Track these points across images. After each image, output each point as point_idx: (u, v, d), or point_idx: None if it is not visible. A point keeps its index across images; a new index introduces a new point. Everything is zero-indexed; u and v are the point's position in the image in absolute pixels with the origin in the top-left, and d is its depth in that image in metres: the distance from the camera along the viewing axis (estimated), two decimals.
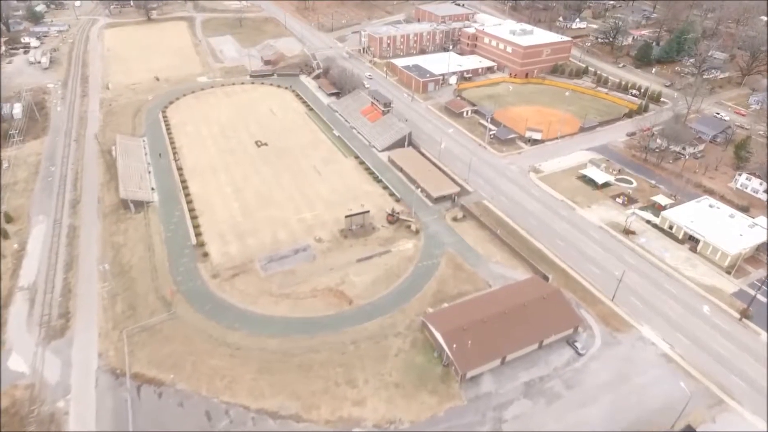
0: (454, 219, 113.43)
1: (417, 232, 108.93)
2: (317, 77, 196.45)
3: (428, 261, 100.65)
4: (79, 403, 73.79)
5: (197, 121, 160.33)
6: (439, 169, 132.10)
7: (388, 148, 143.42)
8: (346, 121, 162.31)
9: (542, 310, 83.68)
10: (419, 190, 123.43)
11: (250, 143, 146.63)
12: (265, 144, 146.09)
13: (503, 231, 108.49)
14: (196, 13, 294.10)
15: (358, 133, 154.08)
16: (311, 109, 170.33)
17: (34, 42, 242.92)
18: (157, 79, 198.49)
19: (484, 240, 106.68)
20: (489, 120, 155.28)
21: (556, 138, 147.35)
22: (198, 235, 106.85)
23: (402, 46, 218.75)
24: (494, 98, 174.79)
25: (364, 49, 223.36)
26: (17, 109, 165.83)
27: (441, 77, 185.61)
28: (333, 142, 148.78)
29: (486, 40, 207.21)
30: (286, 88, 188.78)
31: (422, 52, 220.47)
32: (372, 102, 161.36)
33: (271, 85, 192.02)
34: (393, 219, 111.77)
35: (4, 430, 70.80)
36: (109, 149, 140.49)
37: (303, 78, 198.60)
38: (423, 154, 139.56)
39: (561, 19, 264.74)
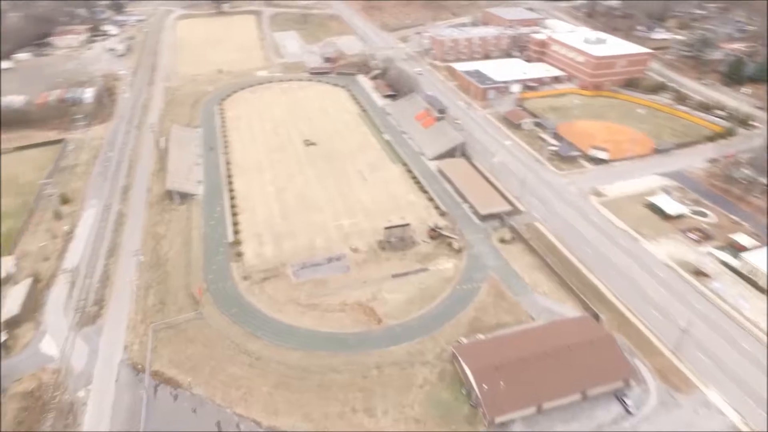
0: (502, 240, 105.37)
1: (459, 251, 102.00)
2: (375, 78, 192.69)
3: (468, 285, 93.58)
4: (99, 396, 73.61)
5: (251, 116, 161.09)
6: (491, 183, 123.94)
7: (439, 157, 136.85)
8: (398, 125, 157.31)
9: (589, 354, 74.71)
10: (467, 205, 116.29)
11: (298, 142, 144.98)
12: (314, 144, 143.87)
13: (554, 259, 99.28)
14: (265, 7, 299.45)
15: (409, 138, 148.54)
16: (364, 111, 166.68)
17: (114, 30, 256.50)
18: (220, 72, 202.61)
19: (532, 267, 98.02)
20: (550, 134, 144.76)
21: (625, 159, 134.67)
22: (236, 233, 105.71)
23: (465, 50, 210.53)
24: (559, 111, 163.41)
25: (425, 51, 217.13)
26: (88, 94, 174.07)
27: (503, 85, 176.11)
28: (382, 146, 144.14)
29: (555, 47, 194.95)
30: (342, 87, 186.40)
31: (486, 57, 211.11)
32: (426, 107, 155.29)
33: (328, 83, 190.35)
34: (435, 234, 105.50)
35: (28, 412, 71.78)
36: (164, 138, 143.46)
37: (360, 78, 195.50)
38: (475, 167, 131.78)
39: (641, 28, 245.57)
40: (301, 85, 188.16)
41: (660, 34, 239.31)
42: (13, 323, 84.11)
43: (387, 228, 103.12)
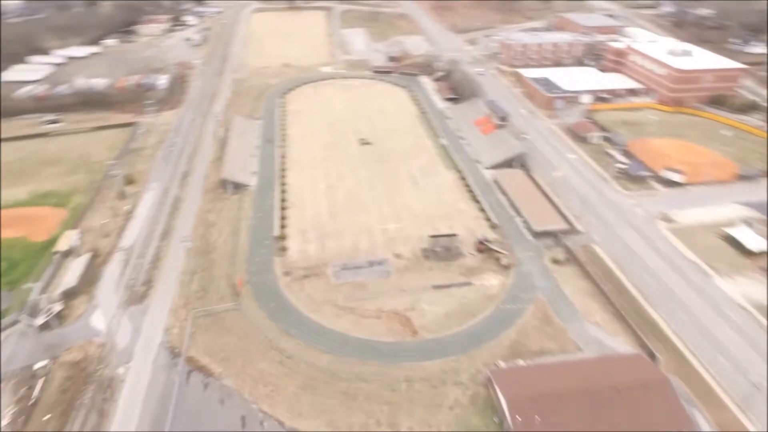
0: (554, 261, 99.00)
1: (507, 267, 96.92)
2: (438, 80, 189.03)
3: (513, 304, 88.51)
4: (136, 374, 75.92)
5: (311, 111, 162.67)
6: (548, 199, 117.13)
7: (496, 167, 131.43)
8: (456, 129, 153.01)
9: (641, 398, 68.01)
10: (520, 219, 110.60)
11: (354, 141, 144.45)
12: (369, 143, 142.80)
13: (610, 286, 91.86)
14: (336, 3, 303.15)
15: (467, 144, 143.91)
16: (423, 113, 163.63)
17: (192, 21, 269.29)
18: (286, 65, 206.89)
19: (585, 293, 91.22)
20: (620, 150, 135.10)
21: (702, 183, 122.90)
22: (282, 227, 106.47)
23: (535, 56, 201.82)
24: (632, 126, 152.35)
25: (493, 54, 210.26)
26: (162, 81, 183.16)
27: (572, 94, 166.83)
28: (437, 150, 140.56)
29: (634, 57, 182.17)
30: (404, 87, 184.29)
31: (557, 64, 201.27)
32: (487, 113, 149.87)
33: (390, 82, 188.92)
34: (483, 248, 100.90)
35: (72, 382, 75.43)
36: (225, 128, 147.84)
37: (423, 79, 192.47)
38: (533, 179, 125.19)
39: (735, 40, 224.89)
40: (363, 83, 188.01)
41: (756, 48, 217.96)
42: (70, 294, 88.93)
43: (433, 236, 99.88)
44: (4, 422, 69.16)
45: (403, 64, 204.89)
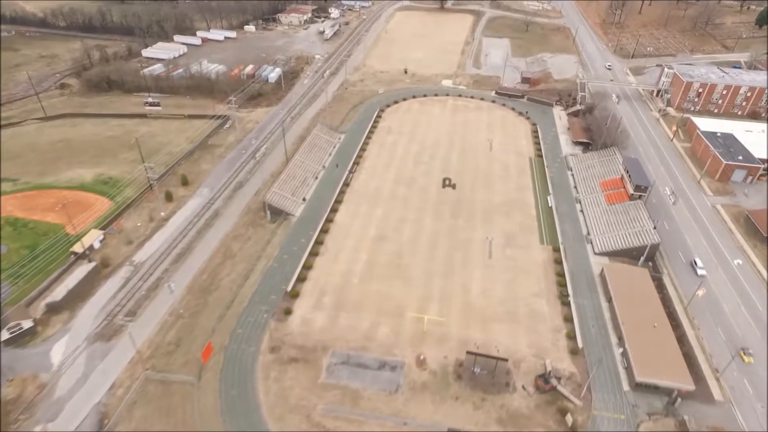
0: None
1: (572, 427, 64.33)
2: (575, 114, 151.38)
3: None
4: None
5: (402, 133, 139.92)
6: (678, 329, 78.79)
7: (610, 254, 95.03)
8: (575, 187, 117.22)
9: None
10: (620, 351, 75.23)
11: (437, 179, 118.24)
12: (452, 186, 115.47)
13: None
14: (488, 8, 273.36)
15: (581, 211, 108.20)
16: (540, 156, 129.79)
17: (335, 14, 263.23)
18: (405, 72, 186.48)
19: None
20: None
21: None
22: (300, 280, 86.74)
23: (720, 101, 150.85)
24: None
25: (659, 92, 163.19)
26: (274, 74, 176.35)
27: (763, 166, 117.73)
28: (539, 212, 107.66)
29: None
30: (528, 118, 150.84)
31: (753, 117, 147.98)
32: (622, 174, 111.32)
33: (513, 109, 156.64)
34: (545, 388, 69.19)
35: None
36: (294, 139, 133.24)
37: (557, 110, 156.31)
38: (661, 290, 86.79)
39: None
40: (479, 105, 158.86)
41: None
42: (53, 309, 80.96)
43: (472, 353, 71.04)
44: None
45: (538, 88, 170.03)
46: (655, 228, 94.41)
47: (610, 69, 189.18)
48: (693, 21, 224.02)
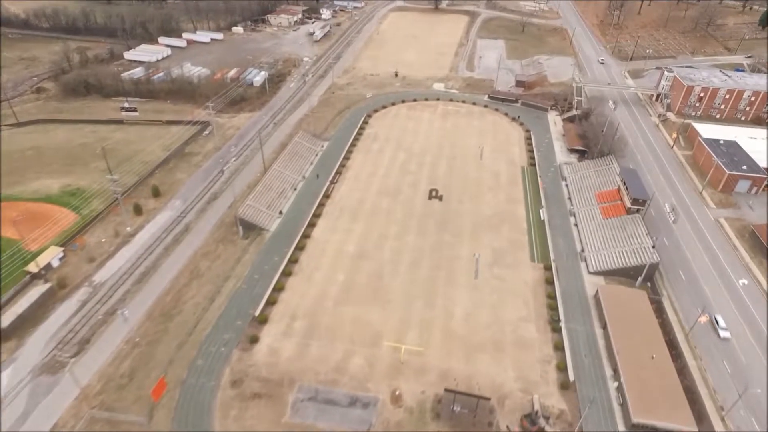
0: None
1: None
2: (570, 120, 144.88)
3: None
4: None
5: (389, 139, 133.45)
6: (677, 359, 72.29)
7: (607, 274, 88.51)
8: (569, 198, 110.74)
9: None
10: (615, 386, 68.71)
11: (423, 190, 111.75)
12: (439, 198, 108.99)
13: None
14: (484, 9, 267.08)
15: (576, 224, 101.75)
16: (533, 165, 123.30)
17: (326, 14, 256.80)
18: (396, 75, 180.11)
19: None
20: None
21: None
22: (270, 303, 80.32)
23: (722, 106, 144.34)
24: None
25: (658, 96, 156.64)
26: (259, 78, 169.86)
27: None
28: (530, 226, 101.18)
29: None
30: (521, 123, 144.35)
31: (758, 123, 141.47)
32: (619, 185, 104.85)
33: (506, 114, 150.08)
34: (531, 428, 62.66)
35: None
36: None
37: (552, 116, 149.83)
38: (661, 314, 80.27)
39: None
40: (470, 110, 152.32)
41: None
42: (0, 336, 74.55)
43: (450, 391, 64.54)
44: None
45: (533, 92, 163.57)
46: (654, 247, 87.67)
47: (602, 63, 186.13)
48: (694, 22, 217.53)
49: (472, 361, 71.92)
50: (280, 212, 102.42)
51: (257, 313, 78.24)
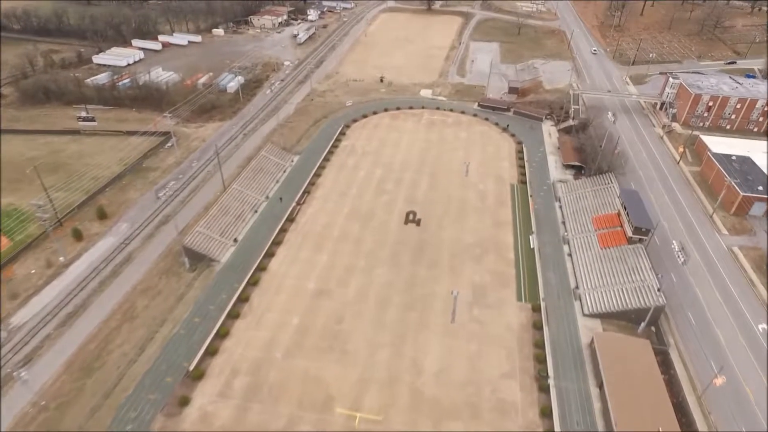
0: None
1: None
2: (566, 131, 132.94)
3: None
4: None
5: (367, 153, 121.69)
6: (688, 427, 60.38)
7: (604, 316, 76.58)
8: (564, 223, 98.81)
9: None
10: None
11: (399, 213, 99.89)
12: (416, 222, 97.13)
13: None
14: (478, 10, 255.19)
15: (570, 255, 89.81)
16: (524, 183, 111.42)
17: (312, 16, 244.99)
18: (381, 80, 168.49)
19: None
20: None
21: None
22: (209, 354, 68.61)
23: (733, 117, 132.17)
24: None
25: (663, 104, 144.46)
26: (233, 83, 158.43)
27: None
28: (519, 257, 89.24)
29: None
30: (513, 135, 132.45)
31: None
32: (619, 210, 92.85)
33: (497, 124, 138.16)
34: None
35: None
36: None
37: (546, 126, 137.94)
38: (668, 369, 68.37)
39: None
40: (458, 120, 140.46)
41: None
42: None
43: None
44: None
45: (526, 100, 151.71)
46: (660, 290, 75.48)
47: (595, 54, 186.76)
48: (700, 24, 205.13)
49: (439, 426, 60.11)
50: (235, 240, 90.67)
51: (192, 366, 66.53)
